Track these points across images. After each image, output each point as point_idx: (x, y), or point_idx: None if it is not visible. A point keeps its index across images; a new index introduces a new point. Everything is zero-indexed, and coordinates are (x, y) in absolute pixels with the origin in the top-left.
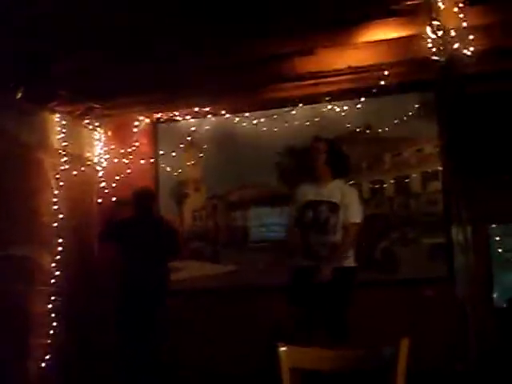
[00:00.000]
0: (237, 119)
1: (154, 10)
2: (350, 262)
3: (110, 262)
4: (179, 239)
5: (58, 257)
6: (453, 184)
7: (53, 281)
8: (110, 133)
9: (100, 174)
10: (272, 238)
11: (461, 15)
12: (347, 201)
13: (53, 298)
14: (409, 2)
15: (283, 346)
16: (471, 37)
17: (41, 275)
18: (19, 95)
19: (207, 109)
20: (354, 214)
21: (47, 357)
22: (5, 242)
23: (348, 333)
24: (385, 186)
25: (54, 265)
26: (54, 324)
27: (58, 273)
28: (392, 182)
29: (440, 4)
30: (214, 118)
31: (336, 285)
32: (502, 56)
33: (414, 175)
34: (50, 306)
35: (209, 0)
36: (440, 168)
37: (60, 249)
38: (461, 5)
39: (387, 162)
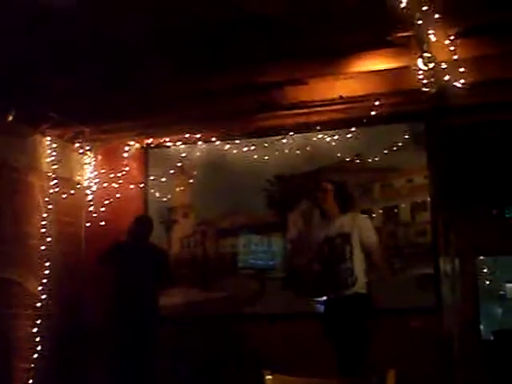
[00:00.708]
0: (227, 146)
1: (146, 36)
2: (364, 289)
3: (98, 286)
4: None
5: (45, 280)
6: (441, 215)
7: (39, 304)
8: (100, 157)
9: (89, 197)
10: (260, 265)
11: (452, 48)
12: (361, 225)
13: (38, 321)
14: (400, 34)
15: (269, 374)
16: (462, 69)
17: (26, 299)
18: (10, 117)
19: (198, 135)
20: (370, 234)
21: (30, 381)
22: None
23: (361, 364)
24: (373, 215)
25: (40, 288)
26: (39, 348)
27: (44, 296)
28: (381, 211)
29: (431, 36)
30: (204, 145)
31: (354, 312)
32: (492, 88)
33: (403, 205)
34: (35, 329)
35: (200, 27)
36: (429, 199)
37: (47, 272)
38: (452, 37)
39: (376, 192)
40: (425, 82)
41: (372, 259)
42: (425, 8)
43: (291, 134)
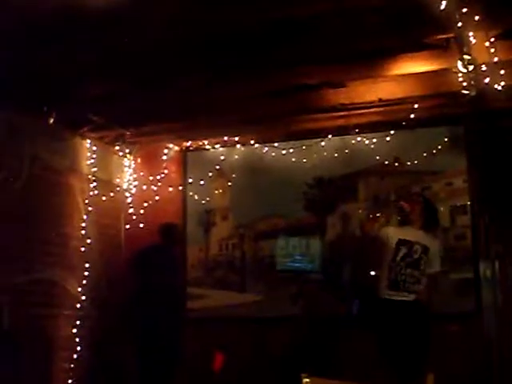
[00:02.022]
0: (266, 149)
1: (185, 40)
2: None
3: (136, 287)
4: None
5: (85, 281)
6: (481, 219)
7: (78, 305)
8: (139, 159)
9: (129, 200)
10: (299, 268)
11: (492, 50)
12: (434, 250)
13: (77, 322)
14: (440, 36)
15: (306, 377)
16: (502, 71)
17: (66, 299)
18: (52, 120)
19: (236, 138)
20: (438, 263)
21: (70, 381)
22: (33, 266)
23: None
24: None
25: (80, 289)
26: (79, 349)
27: (83, 297)
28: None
29: (471, 38)
30: (243, 148)
31: (415, 319)
32: None
33: (442, 209)
34: (74, 330)
35: (239, 31)
36: (469, 202)
37: (86, 273)
38: (492, 39)
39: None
40: (464, 84)
41: (429, 279)
42: (464, 10)
43: (330, 136)
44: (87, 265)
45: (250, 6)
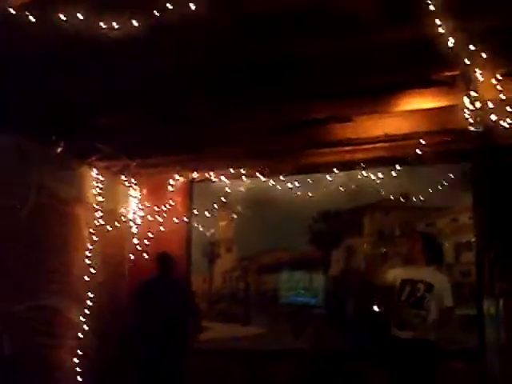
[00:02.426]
0: (272, 182)
1: (194, 73)
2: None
3: (138, 318)
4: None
5: (87, 311)
6: (486, 255)
7: (80, 335)
8: (145, 190)
9: (133, 230)
10: (302, 302)
11: (498, 87)
12: (441, 286)
13: (79, 352)
14: (447, 73)
15: None
16: (508, 109)
17: (69, 329)
18: (59, 149)
19: (242, 170)
20: (448, 298)
21: None
22: (37, 293)
23: None
24: None
25: (82, 319)
26: (80, 379)
27: (85, 327)
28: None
29: (478, 75)
30: (249, 180)
31: (419, 357)
32: None
33: (446, 244)
34: (76, 360)
35: (248, 65)
36: (474, 239)
37: (89, 303)
38: (499, 77)
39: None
40: (471, 121)
41: (441, 315)
42: (472, 48)
43: (336, 171)
44: (90, 294)
45: (261, 40)
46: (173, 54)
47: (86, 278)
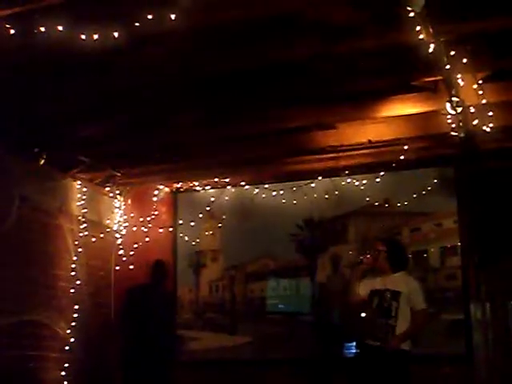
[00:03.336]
0: (256, 190)
1: (175, 82)
2: (407, 345)
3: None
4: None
5: (74, 323)
6: (471, 259)
7: (67, 347)
8: (129, 201)
9: (118, 241)
10: (289, 310)
11: (480, 92)
12: (412, 290)
13: (66, 365)
14: (428, 79)
15: None
16: (490, 113)
17: (55, 341)
18: (42, 161)
19: (227, 180)
20: (420, 301)
21: None
22: (22, 308)
23: None
24: None
25: (68, 331)
26: None
27: (72, 340)
28: (410, 256)
29: (459, 81)
30: (233, 189)
31: (395, 363)
32: None
33: (432, 250)
34: (63, 373)
35: (229, 74)
36: (459, 243)
37: (76, 315)
38: (480, 82)
39: (405, 236)
40: (453, 126)
41: (415, 321)
42: (452, 53)
43: (320, 178)
44: (76, 306)
45: (244, 48)
46: (156, 65)
47: (72, 290)
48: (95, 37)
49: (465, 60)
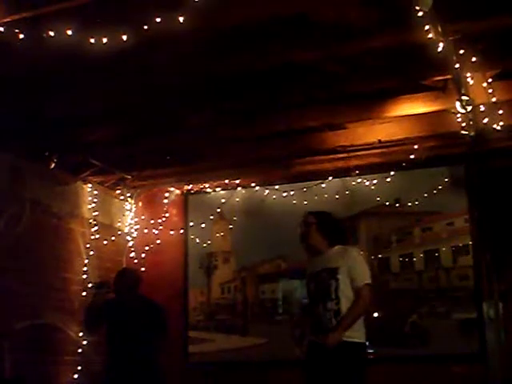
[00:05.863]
0: (267, 191)
1: (186, 84)
2: (359, 336)
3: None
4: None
5: None
6: (483, 258)
7: (79, 350)
8: (140, 203)
9: (130, 243)
10: (301, 310)
11: (490, 90)
12: (350, 263)
13: (79, 368)
14: (438, 78)
15: None
16: (500, 111)
17: (68, 345)
18: (53, 165)
19: (237, 181)
20: (361, 275)
21: None
22: (34, 311)
23: None
24: (414, 259)
25: (81, 334)
26: None
27: (84, 343)
28: (421, 255)
29: (469, 79)
30: (243, 190)
31: (343, 361)
32: None
33: (444, 249)
34: (75, 376)
35: (240, 75)
36: (471, 242)
37: None
38: (490, 80)
39: (417, 236)
40: (463, 125)
41: (358, 300)
42: (462, 51)
43: (330, 178)
44: None
45: (253, 49)
46: (165, 67)
47: (84, 294)
48: (104, 40)
49: (474, 59)
